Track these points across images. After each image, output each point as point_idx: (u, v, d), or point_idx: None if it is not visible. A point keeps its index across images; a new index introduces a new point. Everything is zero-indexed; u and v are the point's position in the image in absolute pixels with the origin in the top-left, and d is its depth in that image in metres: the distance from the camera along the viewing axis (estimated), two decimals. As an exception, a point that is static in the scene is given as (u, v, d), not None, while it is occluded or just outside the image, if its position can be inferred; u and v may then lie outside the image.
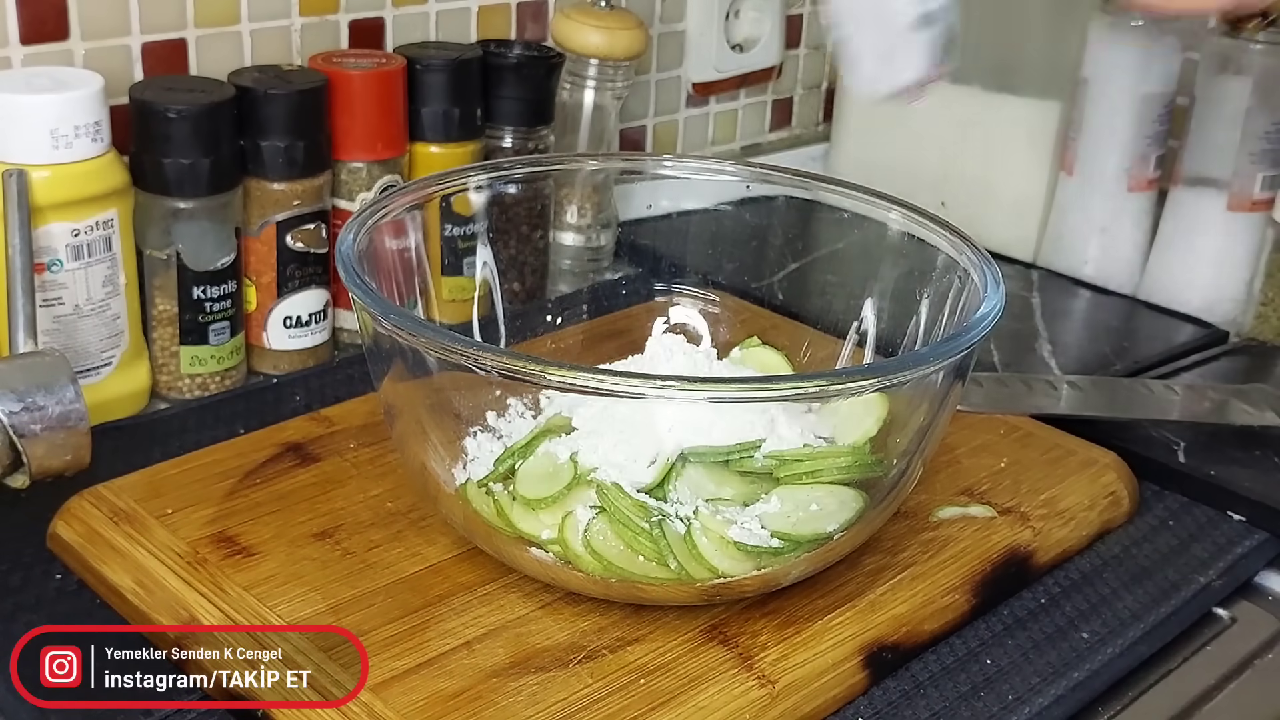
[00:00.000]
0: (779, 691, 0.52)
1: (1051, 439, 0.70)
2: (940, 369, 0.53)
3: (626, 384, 0.50)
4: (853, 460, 0.56)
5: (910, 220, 0.64)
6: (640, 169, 0.80)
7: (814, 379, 0.55)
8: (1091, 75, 0.91)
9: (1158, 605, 0.60)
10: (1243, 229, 0.88)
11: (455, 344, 0.50)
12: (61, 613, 0.56)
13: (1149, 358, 0.83)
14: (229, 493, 0.61)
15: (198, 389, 0.73)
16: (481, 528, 0.56)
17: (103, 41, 0.74)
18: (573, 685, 0.51)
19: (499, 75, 0.83)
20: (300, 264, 0.75)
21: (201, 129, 0.69)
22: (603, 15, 0.88)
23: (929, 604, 0.57)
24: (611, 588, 0.54)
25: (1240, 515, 0.67)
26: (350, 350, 0.81)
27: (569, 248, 0.90)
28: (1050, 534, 0.63)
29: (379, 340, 0.56)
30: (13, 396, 0.57)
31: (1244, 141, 0.87)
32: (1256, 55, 0.86)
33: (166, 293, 0.71)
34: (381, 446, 0.65)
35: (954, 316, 0.60)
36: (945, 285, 0.61)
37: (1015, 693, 0.54)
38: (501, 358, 0.53)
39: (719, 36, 1.04)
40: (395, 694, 0.49)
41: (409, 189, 0.64)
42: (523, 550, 0.55)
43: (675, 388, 0.50)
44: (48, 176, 0.64)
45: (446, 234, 0.78)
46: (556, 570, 0.55)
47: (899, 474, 0.56)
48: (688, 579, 0.53)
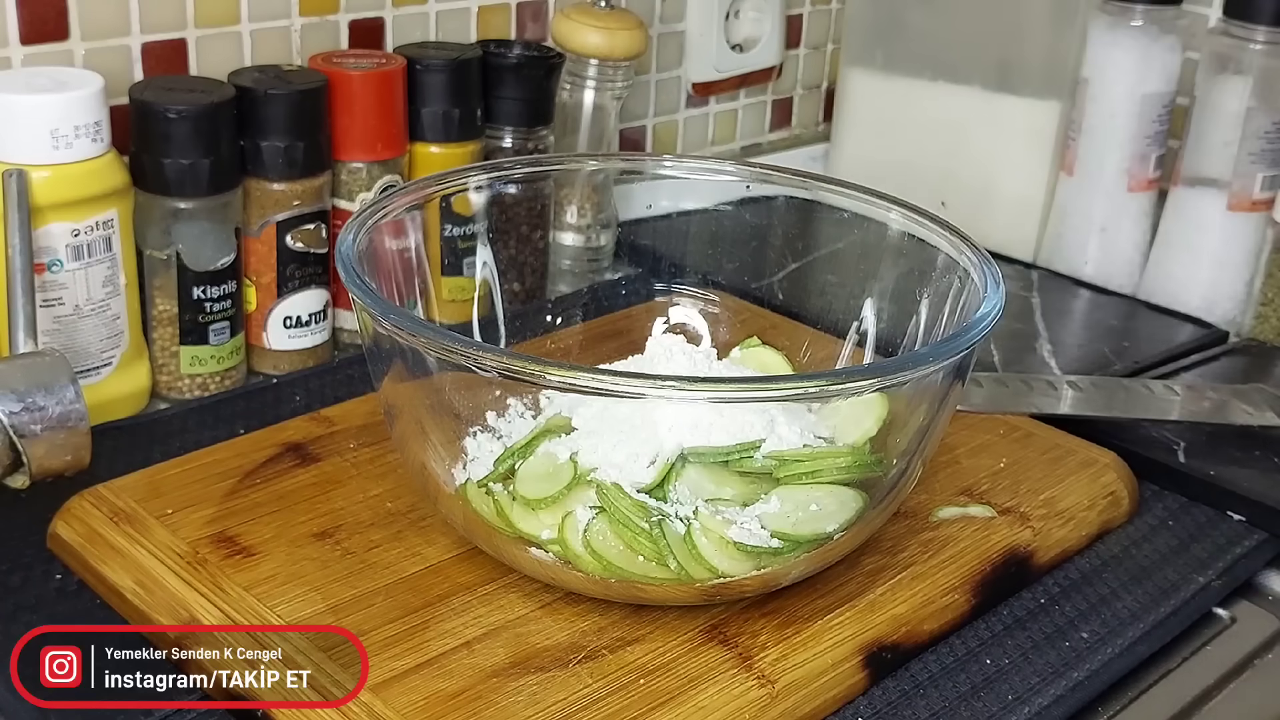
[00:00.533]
0: (779, 691, 0.52)
1: (1051, 439, 0.70)
2: (940, 369, 0.53)
3: (626, 384, 0.50)
4: (853, 460, 0.56)
5: (910, 220, 0.64)
6: (640, 169, 0.80)
7: (814, 379, 0.55)
8: (1091, 75, 0.92)
9: (1157, 605, 0.60)
10: (1243, 229, 0.88)
11: (455, 344, 0.50)
12: (61, 613, 0.56)
13: (1149, 358, 0.83)
14: (229, 493, 0.61)
15: (198, 389, 0.73)
16: (481, 528, 0.56)
17: (103, 41, 0.74)
18: (573, 685, 0.51)
19: (499, 75, 0.83)
20: (300, 264, 0.75)
21: (201, 129, 0.69)
22: (603, 15, 0.88)
23: (929, 604, 0.57)
24: (611, 588, 0.54)
25: (1240, 515, 0.67)
26: (350, 350, 0.81)
27: (569, 248, 0.90)
28: (1050, 534, 0.63)
29: (379, 340, 0.56)
30: (13, 397, 0.57)
31: (1244, 141, 0.87)
32: (1256, 55, 0.86)
33: (166, 293, 0.71)
34: (381, 446, 0.65)
35: (954, 316, 0.60)
36: (945, 285, 0.61)
37: (1015, 693, 0.54)
38: (501, 358, 0.53)
39: (719, 36, 1.04)
40: (395, 694, 0.49)
41: (409, 189, 0.64)
42: (523, 550, 0.55)
43: (675, 388, 0.50)
44: (48, 176, 0.64)
45: (446, 234, 0.78)
46: (556, 570, 0.55)
47: (899, 474, 0.56)
48: (687, 579, 0.53)
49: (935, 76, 1.00)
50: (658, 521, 0.53)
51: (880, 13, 1.02)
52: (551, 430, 0.57)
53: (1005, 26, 0.96)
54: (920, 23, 1.00)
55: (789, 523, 0.54)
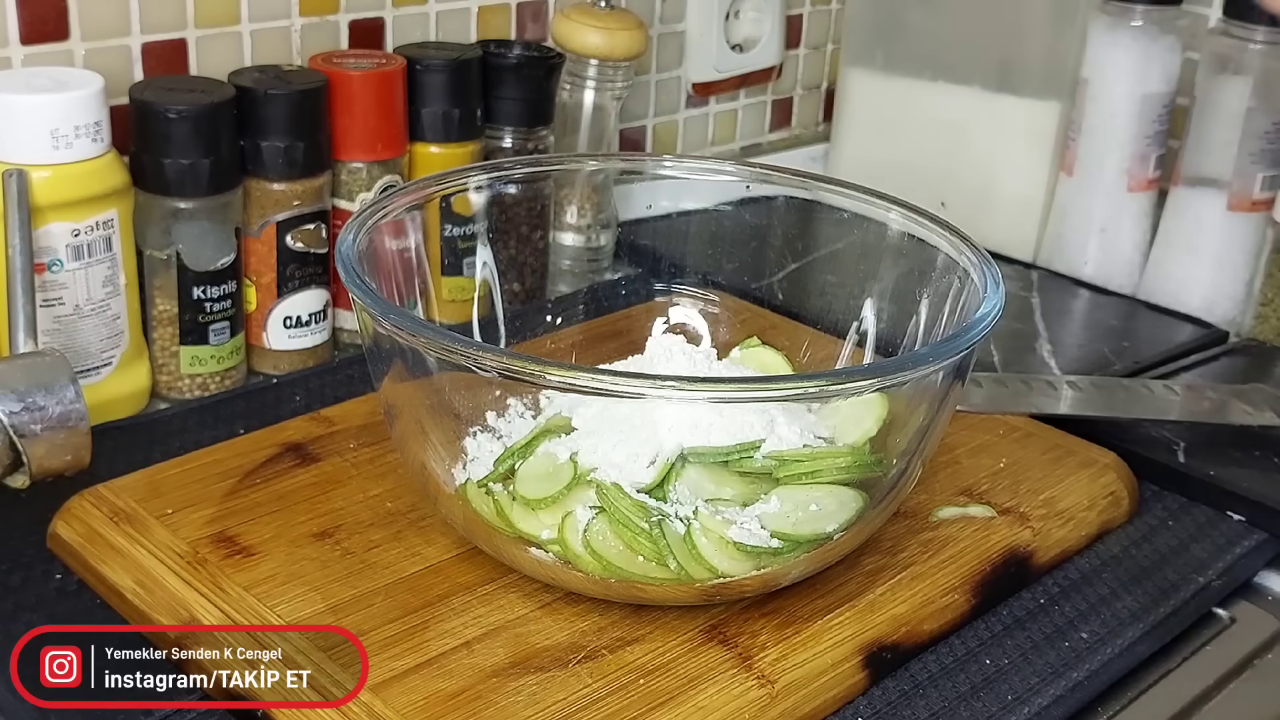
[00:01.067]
0: (778, 691, 0.52)
1: (1051, 439, 0.70)
2: (940, 369, 0.53)
3: (626, 384, 0.49)
4: (852, 460, 0.56)
5: (910, 220, 0.64)
6: (640, 169, 0.80)
7: (814, 379, 0.55)
8: (1091, 75, 0.92)
9: (1157, 605, 0.60)
10: (1243, 229, 0.88)
11: (455, 344, 0.50)
12: (61, 613, 0.56)
13: (1149, 358, 0.83)
14: (229, 493, 0.61)
15: (198, 389, 0.73)
16: (481, 528, 0.56)
17: (103, 41, 0.74)
18: (572, 685, 0.51)
19: (499, 75, 0.83)
20: (300, 264, 0.75)
21: (201, 129, 0.69)
22: (603, 15, 0.88)
23: (928, 604, 0.57)
24: (611, 588, 0.54)
25: (1240, 515, 0.67)
26: (350, 350, 0.81)
27: (569, 248, 0.90)
28: (1050, 534, 0.63)
29: (379, 340, 0.56)
30: (13, 396, 0.57)
31: (1244, 141, 0.87)
32: (1256, 55, 0.86)
33: (166, 293, 0.71)
34: (381, 446, 0.65)
35: (954, 317, 0.60)
36: (945, 285, 0.61)
37: (1015, 693, 0.54)
38: (501, 358, 0.53)
39: (719, 36, 1.04)
40: (395, 694, 0.49)
41: (409, 189, 0.64)
42: (523, 550, 0.55)
43: (675, 388, 0.50)
44: (48, 176, 0.64)
45: (446, 234, 0.78)
46: (556, 570, 0.55)
47: (899, 474, 0.56)
48: (687, 579, 0.53)
49: (935, 76, 1.00)
50: (657, 521, 0.53)
51: (880, 13, 1.02)
52: (551, 430, 0.57)
53: (1005, 26, 0.96)
54: (920, 23, 1.00)
55: (789, 523, 0.54)
